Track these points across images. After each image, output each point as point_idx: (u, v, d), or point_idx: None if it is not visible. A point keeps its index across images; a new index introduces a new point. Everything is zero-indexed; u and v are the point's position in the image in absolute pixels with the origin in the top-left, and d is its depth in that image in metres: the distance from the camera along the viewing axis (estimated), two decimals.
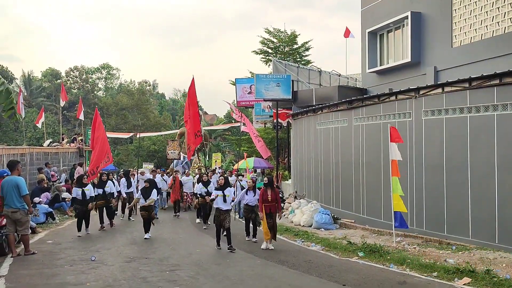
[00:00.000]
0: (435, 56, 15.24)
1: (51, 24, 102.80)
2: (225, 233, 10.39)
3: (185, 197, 17.97)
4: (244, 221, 11.85)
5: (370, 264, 8.74)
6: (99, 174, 13.50)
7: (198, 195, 13.86)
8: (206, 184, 13.42)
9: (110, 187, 13.36)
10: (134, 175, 17.03)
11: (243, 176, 17.73)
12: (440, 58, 14.98)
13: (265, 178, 10.72)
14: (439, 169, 10.82)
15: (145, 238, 11.36)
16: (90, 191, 12.22)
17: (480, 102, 9.90)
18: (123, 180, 15.36)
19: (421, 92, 11.46)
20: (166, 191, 18.18)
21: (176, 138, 23.88)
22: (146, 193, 11.89)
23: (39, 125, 29.31)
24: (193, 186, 18.25)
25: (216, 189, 10.50)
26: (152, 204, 11.81)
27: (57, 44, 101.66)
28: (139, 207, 12.83)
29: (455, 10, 14.30)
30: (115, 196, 14.00)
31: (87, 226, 12.22)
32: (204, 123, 21.62)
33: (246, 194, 11.15)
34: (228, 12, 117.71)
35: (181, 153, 22.69)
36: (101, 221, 13.11)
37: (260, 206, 10.35)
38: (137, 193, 17.20)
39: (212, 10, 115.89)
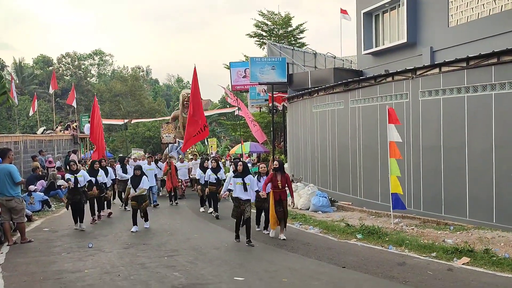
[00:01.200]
0: (431, 36, 15.10)
1: (41, 10, 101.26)
2: (244, 225, 9.14)
3: (179, 184, 17.16)
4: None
5: (368, 246, 8.74)
6: (90, 162, 12.90)
7: (207, 183, 12.76)
8: (215, 170, 12.63)
9: (102, 176, 12.22)
10: (129, 160, 16.53)
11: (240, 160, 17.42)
12: (436, 38, 14.85)
13: (275, 162, 9.74)
14: (437, 149, 10.78)
15: (132, 231, 10.30)
16: (83, 177, 11.01)
17: (478, 81, 9.81)
18: (118, 166, 14.68)
19: (418, 72, 11.36)
20: (161, 178, 17.25)
21: (170, 121, 23.19)
22: (135, 181, 10.71)
23: (30, 113, 28.96)
24: (189, 172, 18.07)
25: (235, 176, 9.27)
26: (144, 193, 10.81)
27: (48, 31, 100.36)
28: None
29: None
30: (108, 186, 12.97)
31: (80, 220, 10.76)
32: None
33: (259, 180, 9.87)
34: None
35: (176, 138, 22.07)
36: (93, 213, 11.87)
37: (264, 186, 9.44)
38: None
39: None
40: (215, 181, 12.52)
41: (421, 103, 11.26)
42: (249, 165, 17.91)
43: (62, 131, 24.89)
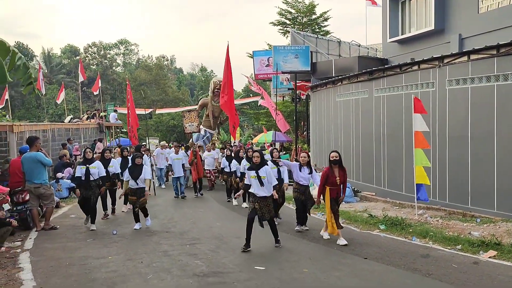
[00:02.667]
0: (460, 23, 14.64)
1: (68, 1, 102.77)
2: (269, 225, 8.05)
3: (207, 174, 16.20)
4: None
5: (392, 237, 8.63)
6: (102, 150, 12.18)
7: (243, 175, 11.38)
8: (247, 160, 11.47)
9: (114, 166, 11.06)
10: (150, 152, 15.79)
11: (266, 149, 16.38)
12: (465, 25, 14.38)
13: (333, 154, 8.18)
14: (463, 139, 10.51)
15: (135, 229, 9.32)
16: (98, 169, 9.73)
17: (509, 69, 9.47)
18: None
19: (445, 60, 11.04)
20: (189, 168, 15.92)
21: (197, 109, 22.45)
22: (136, 171, 9.33)
23: (59, 101, 29.56)
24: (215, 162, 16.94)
25: (249, 168, 8.00)
26: (144, 186, 9.48)
27: (75, 20, 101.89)
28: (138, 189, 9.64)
29: None
30: (121, 177, 11.12)
31: (92, 220, 9.45)
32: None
33: (300, 170, 8.99)
34: None
35: (201, 127, 21.24)
36: (104, 208, 10.74)
37: (319, 190, 8.25)
38: (153, 174, 16.09)
39: None
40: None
41: (448, 92, 10.97)
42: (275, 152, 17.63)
43: (89, 120, 25.37)
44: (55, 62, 56.46)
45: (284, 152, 20.29)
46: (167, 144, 19.17)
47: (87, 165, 9.58)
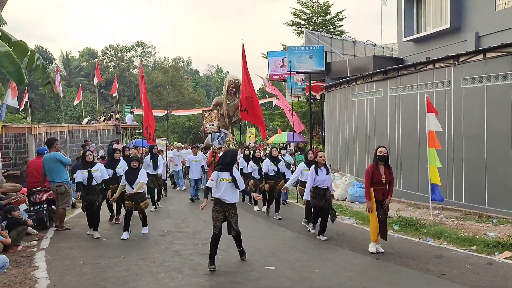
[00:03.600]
0: (476, 21, 14.42)
1: (86, 3, 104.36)
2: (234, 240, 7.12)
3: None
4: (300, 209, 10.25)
5: (405, 238, 8.53)
6: (111, 150, 11.18)
7: (263, 177, 11.05)
8: (275, 160, 10.97)
9: (123, 167, 9.87)
10: (163, 152, 15.54)
11: (286, 149, 15.28)
12: (482, 22, 14.16)
13: (381, 149, 7.39)
14: (479, 139, 10.34)
15: (122, 239, 8.42)
16: (100, 172, 8.99)
17: None
18: (147, 158, 12.50)
19: (461, 59, 10.89)
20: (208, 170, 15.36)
21: (211, 108, 21.23)
22: (132, 175, 8.72)
23: (75, 103, 29.98)
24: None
25: (219, 169, 6.81)
26: (141, 191, 8.76)
27: (94, 24, 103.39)
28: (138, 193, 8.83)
29: None
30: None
31: (95, 226, 8.84)
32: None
33: (317, 172, 8.33)
34: None
35: (219, 127, 20.76)
36: (111, 210, 10.30)
37: (367, 192, 7.33)
38: (166, 176, 15.40)
39: None
40: (274, 174, 10.79)
41: (463, 90, 10.81)
42: (287, 154, 17.42)
43: (106, 121, 25.71)
44: (73, 65, 57.44)
45: (299, 152, 20.26)
46: (183, 146, 18.85)
47: (89, 169, 8.79)
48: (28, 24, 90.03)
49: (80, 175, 8.81)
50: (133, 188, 8.63)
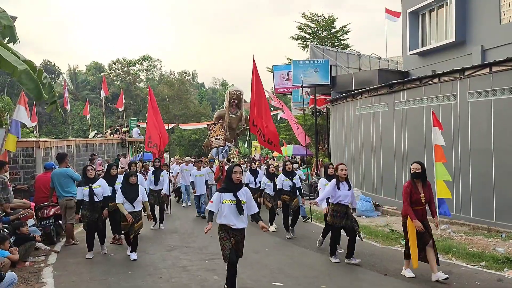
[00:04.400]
0: (481, 35, 14.46)
1: (93, 17, 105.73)
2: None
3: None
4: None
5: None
6: (107, 166, 10.28)
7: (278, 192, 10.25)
8: (290, 174, 10.17)
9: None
10: (167, 166, 14.98)
11: (298, 163, 14.11)
12: (487, 36, 14.20)
13: (415, 165, 6.75)
14: (487, 152, 10.30)
15: (133, 260, 7.99)
16: (102, 189, 8.52)
17: None
18: (150, 173, 12.17)
19: (466, 73, 10.91)
20: (213, 185, 14.70)
21: (213, 121, 20.51)
22: (130, 192, 8.05)
23: (87, 115, 30.15)
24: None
25: (222, 190, 5.97)
26: (138, 209, 8.15)
27: (101, 38, 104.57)
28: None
29: None
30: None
31: (102, 241, 8.59)
32: (246, 112, 20.47)
33: (338, 187, 7.65)
34: None
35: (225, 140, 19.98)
36: (114, 231, 9.68)
37: (409, 211, 6.60)
38: (170, 191, 14.42)
39: None
40: (289, 189, 9.92)
41: (469, 104, 10.81)
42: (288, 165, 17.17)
43: (112, 135, 25.85)
44: (80, 78, 57.99)
45: (304, 166, 20.23)
46: (191, 160, 17.87)
47: (90, 185, 8.34)
48: (36, 39, 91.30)
49: (81, 192, 8.34)
50: (134, 207, 8.02)
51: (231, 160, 17.26)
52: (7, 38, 7.20)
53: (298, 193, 10.04)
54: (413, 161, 6.96)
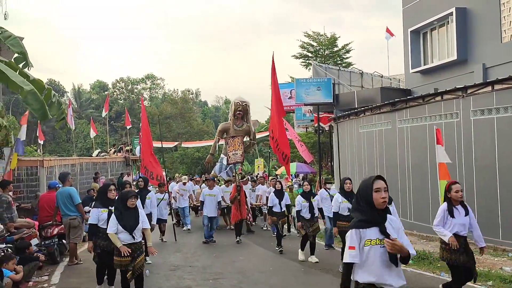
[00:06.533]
0: (483, 53, 14.57)
1: (97, 37, 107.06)
2: None
3: (249, 216, 13.64)
4: None
5: (419, 272, 8.39)
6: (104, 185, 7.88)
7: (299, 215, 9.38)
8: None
9: None
10: (166, 185, 13.20)
11: (331, 183, 11.81)
12: (489, 54, 14.31)
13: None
14: (491, 170, 10.28)
15: None
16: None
17: None
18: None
19: (469, 91, 10.96)
20: (225, 206, 13.77)
21: (216, 135, 18.95)
22: (128, 219, 6.25)
23: (93, 135, 30.25)
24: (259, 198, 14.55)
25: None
26: (138, 241, 6.32)
27: (105, 57, 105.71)
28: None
29: (504, 3, 13.63)
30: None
31: (111, 282, 7.14)
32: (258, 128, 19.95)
33: (452, 214, 6.09)
34: (263, 16, 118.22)
35: (222, 155, 17.92)
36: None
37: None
38: (166, 215, 12.66)
39: (248, 14, 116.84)
40: (348, 213, 8.05)
41: (473, 122, 10.83)
42: (295, 186, 17.17)
43: (116, 154, 25.93)
44: (84, 97, 58.44)
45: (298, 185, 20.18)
46: (187, 178, 16.62)
47: (110, 208, 6.88)
48: (41, 58, 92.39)
49: (96, 215, 6.90)
50: (133, 237, 6.22)
51: (245, 177, 15.85)
52: (22, 64, 7.46)
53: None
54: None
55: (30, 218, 10.57)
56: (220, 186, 14.31)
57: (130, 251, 6.10)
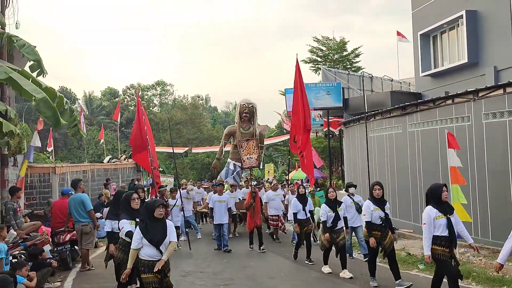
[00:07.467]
0: (494, 55, 14.45)
1: (108, 44, 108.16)
2: None
3: (271, 222, 13.01)
4: None
5: (431, 278, 8.25)
6: (117, 192, 8.41)
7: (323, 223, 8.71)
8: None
9: None
10: (176, 192, 12.62)
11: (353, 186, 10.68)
12: (500, 56, 14.18)
13: None
14: (504, 174, 10.16)
15: None
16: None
17: None
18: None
19: (480, 94, 10.87)
20: (239, 212, 13.30)
21: (222, 139, 17.07)
22: (155, 232, 5.63)
23: (102, 139, 30.57)
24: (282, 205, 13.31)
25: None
26: (165, 259, 5.63)
27: (116, 64, 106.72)
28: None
29: None
30: None
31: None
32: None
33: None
34: (272, 22, 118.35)
35: (229, 160, 15.71)
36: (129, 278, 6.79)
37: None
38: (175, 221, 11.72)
39: (256, 20, 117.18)
40: (380, 222, 7.92)
41: (484, 125, 10.73)
42: (307, 190, 16.74)
43: (127, 160, 26.09)
44: (95, 104, 59.02)
45: (319, 189, 20.11)
46: (192, 185, 16.22)
47: (136, 219, 6.35)
48: (53, 66, 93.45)
49: (128, 228, 6.36)
50: (161, 252, 5.59)
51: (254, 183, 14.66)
52: (36, 72, 7.60)
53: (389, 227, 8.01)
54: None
55: (43, 224, 10.65)
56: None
57: (153, 268, 5.49)
